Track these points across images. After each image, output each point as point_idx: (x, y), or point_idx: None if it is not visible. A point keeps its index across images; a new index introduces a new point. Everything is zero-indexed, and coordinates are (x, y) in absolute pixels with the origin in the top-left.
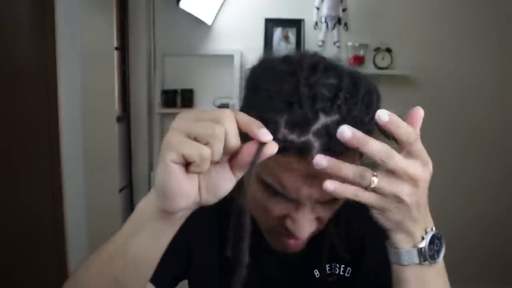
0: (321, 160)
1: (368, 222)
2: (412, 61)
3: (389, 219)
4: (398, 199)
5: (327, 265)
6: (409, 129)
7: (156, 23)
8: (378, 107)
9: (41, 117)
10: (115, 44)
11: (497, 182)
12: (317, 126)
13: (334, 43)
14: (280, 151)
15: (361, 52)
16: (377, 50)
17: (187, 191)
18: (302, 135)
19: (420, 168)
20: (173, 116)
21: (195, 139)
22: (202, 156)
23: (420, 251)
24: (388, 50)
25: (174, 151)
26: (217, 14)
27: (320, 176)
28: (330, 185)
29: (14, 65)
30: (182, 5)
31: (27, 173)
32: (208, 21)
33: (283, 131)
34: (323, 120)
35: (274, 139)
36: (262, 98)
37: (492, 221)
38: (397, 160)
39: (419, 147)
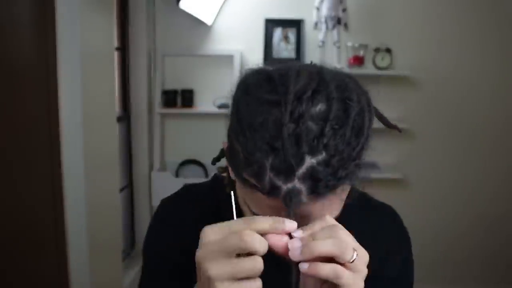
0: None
1: (365, 226)
2: (412, 61)
3: None
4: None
5: None
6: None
7: (156, 23)
8: (370, 129)
9: (41, 117)
10: (115, 44)
11: (498, 182)
12: (302, 170)
13: (334, 43)
14: (268, 194)
15: (361, 52)
16: (377, 50)
17: None
18: (287, 181)
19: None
20: (173, 116)
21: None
22: None
23: None
24: (388, 50)
25: None
26: (217, 14)
27: (309, 214)
28: (304, 265)
29: (14, 65)
30: (182, 5)
31: (27, 173)
32: (208, 21)
33: (269, 174)
34: (308, 162)
35: (260, 181)
36: (244, 132)
37: (493, 221)
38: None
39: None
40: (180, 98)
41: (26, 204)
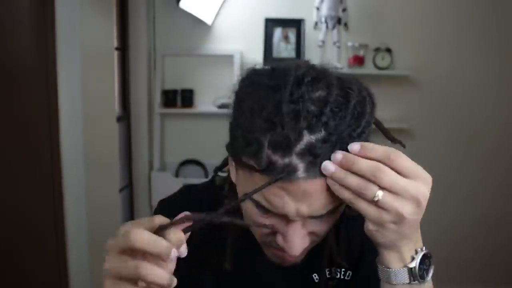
0: (328, 166)
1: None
2: (412, 61)
3: (384, 236)
4: (399, 217)
5: (327, 270)
6: (381, 148)
7: (156, 23)
8: (371, 117)
9: (41, 117)
10: (115, 44)
11: (499, 183)
12: (300, 146)
13: (334, 43)
14: (265, 171)
15: (361, 52)
16: (377, 50)
17: None
18: (285, 156)
19: (422, 187)
20: (173, 116)
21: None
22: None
23: (410, 271)
24: (388, 50)
25: None
26: (217, 14)
27: (308, 193)
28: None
29: (14, 65)
30: (182, 5)
31: (27, 173)
32: (208, 21)
33: (267, 152)
34: (307, 139)
35: (258, 158)
36: (245, 115)
37: (493, 222)
38: (390, 175)
39: (407, 164)
40: (180, 98)
41: (26, 204)
